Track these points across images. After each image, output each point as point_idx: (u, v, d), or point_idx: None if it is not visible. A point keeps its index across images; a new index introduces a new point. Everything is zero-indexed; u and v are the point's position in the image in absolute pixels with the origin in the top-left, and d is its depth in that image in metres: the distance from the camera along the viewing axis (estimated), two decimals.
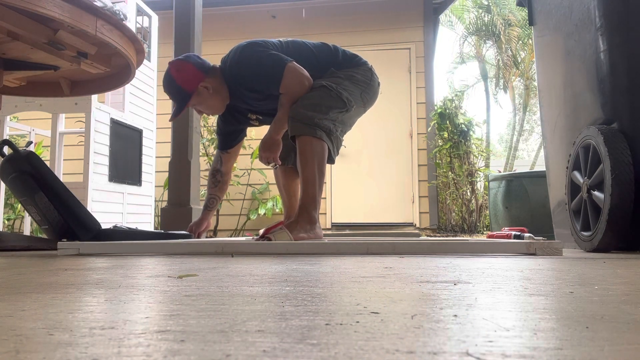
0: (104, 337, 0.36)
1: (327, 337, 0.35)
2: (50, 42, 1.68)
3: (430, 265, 0.97)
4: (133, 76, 2.10)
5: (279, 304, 0.51)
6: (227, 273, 0.84)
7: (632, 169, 1.49)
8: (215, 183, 2.28)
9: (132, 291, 0.62)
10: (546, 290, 0.62)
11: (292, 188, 2.33)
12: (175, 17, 3.44)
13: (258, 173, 5.52)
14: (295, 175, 2.27)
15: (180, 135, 3.34)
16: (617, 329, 0.39)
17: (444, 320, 0.42)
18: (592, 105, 1.70)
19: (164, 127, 3.96)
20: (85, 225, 1.80)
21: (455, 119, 5.50)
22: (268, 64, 1.93)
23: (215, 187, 2.28)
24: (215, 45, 5.86)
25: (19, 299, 0.56)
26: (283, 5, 6.02)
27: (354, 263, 1.06)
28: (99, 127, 3.40)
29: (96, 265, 1.03)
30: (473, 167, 5.56)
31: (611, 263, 1.09)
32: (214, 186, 2.28)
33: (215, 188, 2.28)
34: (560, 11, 1.92)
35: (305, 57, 2.00)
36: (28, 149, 2.00)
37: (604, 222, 1.51)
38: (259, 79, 1.96)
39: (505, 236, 1.88)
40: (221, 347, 0.32)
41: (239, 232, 5.67)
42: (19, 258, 1.32)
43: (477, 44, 13.82)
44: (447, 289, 0.62)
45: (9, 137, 3.75)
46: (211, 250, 1.43)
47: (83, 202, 2.91)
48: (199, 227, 2.29)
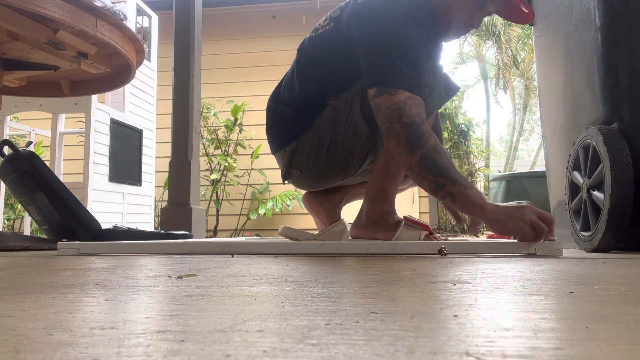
0: (104, 337, 0.36)
1: (327, 337, 0.35)
2: (50, 42, 1.68)
3: (429, 265, 0.97)
4: (133, 76, 2.10)
5: (279, 304, 0.51)
6: (227, 273, 0.84)
7: (631, 169, 1.49)
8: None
9: (132, 291, 0.62)
10: (546, 290, 0.62)
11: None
12: (175, 17, 3.44)
13: (258, 173, 5.52)
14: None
15: (180, 135, 3.34)
16: (617, 329, 0.39)
17: (444, 320, 0.42)
18: (592, 105, 1.70)
19: (164, 127, 3.97)
20: (85, 225, 1.80)
21: (455, 119, 5.50)
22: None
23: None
24: (215, 45, 5.86)
25: (19, 299, 0.56)
26: (283, 5, 6.02)
27: (354, 263, 1.06)
28: (99, 127, 3.40)
29: (96, 265, 1.03)
30: (473, 167, 5.57)
31: (611, 263, 1.09)
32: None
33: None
34: (560, 11, 1.93)
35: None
36: (28, 149, 2.00)
37: (604, 222, 1.51)
38: None
39: (505, 236, 1.88)
40: (221, 347, 0.32)
41: (239, 232, 5.67)
42: (19, 258, 1.32)
43: (477, 44, 13.82)
44: (447, 289, 0.62)
45: (9, 137, 3.75)
46: (211, 250, 1.44)
47: (83, 202, 2.91)
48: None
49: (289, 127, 1.72)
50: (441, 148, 1.39)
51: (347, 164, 1.68)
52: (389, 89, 1.40)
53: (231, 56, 6.06)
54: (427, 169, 1.36)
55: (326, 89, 1.63)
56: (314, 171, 1.74)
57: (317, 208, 2.00)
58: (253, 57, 5.97)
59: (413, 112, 1.39)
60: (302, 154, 1.71)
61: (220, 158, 5.51)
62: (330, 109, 1.63)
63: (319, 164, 1.70)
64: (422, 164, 1.37)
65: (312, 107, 1.66)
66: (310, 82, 1.67)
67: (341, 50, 1.55)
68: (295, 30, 5.72)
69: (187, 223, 3.20)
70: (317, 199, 1.98)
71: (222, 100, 5.71)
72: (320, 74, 1.65)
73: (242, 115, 5.54)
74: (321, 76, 1.65)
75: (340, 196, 2.00)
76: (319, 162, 1.69)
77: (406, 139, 1.38)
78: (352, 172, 1.72)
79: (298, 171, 1.76)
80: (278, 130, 1.76)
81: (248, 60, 6.00)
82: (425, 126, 1.40)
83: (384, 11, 1.48)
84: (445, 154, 1.39)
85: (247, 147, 5.58)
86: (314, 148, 1.67)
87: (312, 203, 2.01)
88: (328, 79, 1.62)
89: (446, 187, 1.35)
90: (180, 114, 3.35)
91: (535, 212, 1.30)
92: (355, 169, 1.71)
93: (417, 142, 1.37)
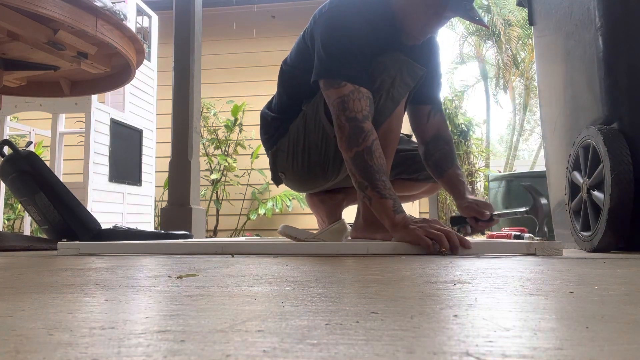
0: (104, 337, 0.36)
1: (327, 337, 0.35)
2: (50, 42, 1.68)
3: (429, 265, 0.97)
4: (133, 76, 2.10)
5: (279, 304, 0.51)
6: (227, 273, 0.84)
7: (631, 168, 1.49)
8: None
9: (132, 291, 0.62)
10: (546, 290, 0.62)
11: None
12: (175, 17, 3.44)
13: (258, 173, 5.52)
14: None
15: (180, 135, 3.34)
16: (617, 329, 0.39)
17: (444, 320, 0.42)
18: (592, 105, 1.70)
19: (164, 127, 3.97)
20: (85, 225, 1.80)
21: (455, 119, 5.51)
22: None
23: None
24: (215, 45, 5.86)
25: (19, 299, 0.56)
26: (283, 5, 6.02)
27: (354, 263, 1.06)
28: (99, 127, 3.41)
29: (96, 265, 1.03)
30: (473, 167, 5.57)
31: (611, 263, 1.09)
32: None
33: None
34: (560, 11, 1.93)
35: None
36: (28, 149, 2.00)
37: (604, 222, 1.51)
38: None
39: (505, 236, 1.88)
40: (221, 347, 0.32)
41: (239, 232, 5.67)
42: (19, 258, 1.32)
43: (477, 44, 13.83)
44: (447, 289, 0.62)
45: (9, 137, 3.75)
46: (211, 250, 1.43)
47: (83, 202, 2.91)
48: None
49: (271, 133, 1.82)
50: (377, 150, 1.42)
51: (325, 166, 1.73)
52: (333, 82, 1.47)
53: (231, 56, 6.06)
54: (356, 167, 1.42)
55: (300, 95, 1.71)
56: (295, 174, 1.81)
57: (319, 205, 2.05)
58: (253, 57, 5.97)
59: (356, 107, 1.43)
60: (281, 158, 1.80)
61: (220, 158, 5.50)
62: (302, 114, 1.71)
63: (298, 166, 1.77)
64: (353, 162, 1.42)
65: (289, 113, 1.75)
66: (287, 89, 1.77)
67: (307, 56, 1.61)
68: (295, 30, 5.71)
69: (187, 223, 3.19)
70: (319, 196, 2.04)
71: (222, 100, 5.71)
72: (293, 80, 1.73)
73: (242, 115, 5.54)
74: (293, 82, 1.73)
75: (342, 196, 2.03)
76: (297, 165, 1.77)
77: (347, 133, 1.43)
78: (332, 173, 1.76)
79: (282, 174, 1.86)
80: (265, 135, 1.87)
81: (248, 60, 5.99)
82: (367, 123, 1.44)
83: (339, 15, 1.54)
84: (380, 157, 1.42)
85: (247, 147, 5.58)
86: (291, 152, 1.76)
87: (314, 200, 2.07)
88: (299, 85, 1.68)
89: (367, 190, 1.41)
90: (180, 114, 3.34)
91: (436, 225, 1.33)
92: (335, 171, 1.74)
93: (355, 139, 1.42)
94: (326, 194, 2.04)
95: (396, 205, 1.39)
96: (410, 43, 1.61)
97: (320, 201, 2.06)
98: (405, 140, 2.01)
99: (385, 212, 1.39)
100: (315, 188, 1.93)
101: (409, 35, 1.60)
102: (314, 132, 1.69)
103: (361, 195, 1.45)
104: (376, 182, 1.39)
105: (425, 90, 1.76)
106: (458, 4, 1.48)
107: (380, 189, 1.39)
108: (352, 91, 1.44)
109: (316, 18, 1.59)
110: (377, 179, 1.40)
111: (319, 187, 1.91)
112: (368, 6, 1.56)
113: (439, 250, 1.27)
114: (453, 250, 1.27)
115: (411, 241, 1.31)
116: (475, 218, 1.61)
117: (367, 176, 1.40)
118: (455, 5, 1.48)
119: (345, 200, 2.06)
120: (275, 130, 1.80)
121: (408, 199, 2.13)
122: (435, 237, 1.28)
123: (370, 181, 1.40)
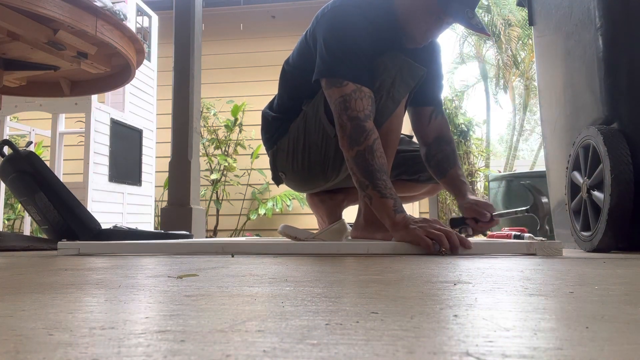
0: (104, 337, 0.36)
1: (327, 337, 0.35)
2: (50, 42, 1.68)
3: (429, 265, 0.97)
4: (133, 76, 2.10)
5: (279, 304, 0.51)
6: (227, 273, 0.84)
7: (631, 168, 1.49)
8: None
9: (132, 291, 0.62)
10: (546, 290, 0.62)
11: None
12: (175, 17, 3.44)
13: (258, 173, 5.52)
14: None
15: (180, 135, 3.34)
16: (617, 329, 0.39)
17: (444, 320, 0.42)
18: (592, 105, 1.70)
19: (164, 127, 3.97)
20: (85, 225, 1.80)
21: (455, 119, 5.51)
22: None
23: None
24: (215, 45, 5.86)
25: (19, 299, 0.56)
26: (283, 5, 6.02)
27: (355, 263, 1.06)
28: (99, 127, 3.41)
29: (96, 265, 1.03)
30: (473, 167, 5.57)
31: (611, 263, 1.09)
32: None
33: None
34: (560, 11, 1.93)
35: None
36: (28, 149, 2.00)
37: (604, 222, 1.51)
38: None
39: (505, 236, 1.88)
40: (221, 347, 0.32)
41: (239, 232, 5.67)
42: (19, 258, 1.32)
43: (477, 44, 13.84)
44: (447, 289, 0.62)
45: (9, 137, 3.75)
46: (211, 250, 1.43)
47: (83, 202, 2.91)
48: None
49: (271, 132, 1.83)
50: (378, 149, 1.43)
51: (325, 166, 1.74)
52: (335, 81, 1.47)
53: (231, 56, 6.06)
54: (358, 167, 1.43)
55: (300, 95, 1.71)
56: (295, 174, 1.82)
57: (319, 205, 2.06)
58: (253, 57, 5.97)
59: (358, 106, 1.44)
60: (282, 157, 1.81)
61: (220, 158, 5.50)
62: (302, 114, 1.71)
63: (298, 166, 1.78)
64: (354, 161, 1.43)
65: (290, 113, 1.76)
66: (288, 89, 1.77)
67: (309, 57, 1.61)
68: (296, 30, 5.72)
69: (187, 223, 3.19)
70: (319, 196, 2.05)
71: (222, 100, 5.71)
72: (294, 80, 1.74)
73: (242, 115, 5.54)
74: (295, 82, 1.74)
75: (342, 196, 2.03)
76: (297, 165, 1.78)
77: (349, 132, 1.44)
78: (332, 173, 1.76)
79: (283, 174, 1.87)
80: (265, 135, 1.87)
81: (248, 60, 5.99)
82: (369, 122, 1.44)
83: (341, 14, 1.54)
84: (381, 157, 1.43)
85: (247, 147, 5.58)
86: (291, 152, 1.77)
87: (314, 200, 2.08)
88: (301, 85, 1.69)
89: (367, 189, 1.41)
90: (180, 114, 3.35)
91: (436, 224, 1.33)
92: (335, 171, 1.74)
93: (357, 138, 1.43)
94: (326, 194, 2.04)
95: (397, 205, 1.39)
96: (411, 46, 1.62)
97: (321, 201, 2.06)
98: (407, 141, 2.01)
99: (386, 211, 1.39)
100: (315, 188, 1.93)
101: (410, 38, 1.60)
102: (314, 132, 1.69)
103: (362, 195, 1.46)
104: (377, 182, 1.40)
105: (426, 91, 1.76)
106: (459, 11, 1.49)
107: (380, 188, 1.39)
108: (354, 90, 1.45)
109: (318, 18, 1.60)
110: (378, 178, 1.40)
111: (319, 187, 1.91)
112: (371, 7, 1.57)
113: (439, 250, 1.27)
114: (453, 250, 1.27)
115: (411, 241, 1.32)
116: (475, 219, 1.61)
117: (368, 175, 1.40)
118: (457, 12, 1.49)
119: (346, 200, 2.07)
120: (276, 130, 1.81)
121: (409, 200, 2.13)
122: (436, 237, 1.28)
123: (371, 180, 1.40)
